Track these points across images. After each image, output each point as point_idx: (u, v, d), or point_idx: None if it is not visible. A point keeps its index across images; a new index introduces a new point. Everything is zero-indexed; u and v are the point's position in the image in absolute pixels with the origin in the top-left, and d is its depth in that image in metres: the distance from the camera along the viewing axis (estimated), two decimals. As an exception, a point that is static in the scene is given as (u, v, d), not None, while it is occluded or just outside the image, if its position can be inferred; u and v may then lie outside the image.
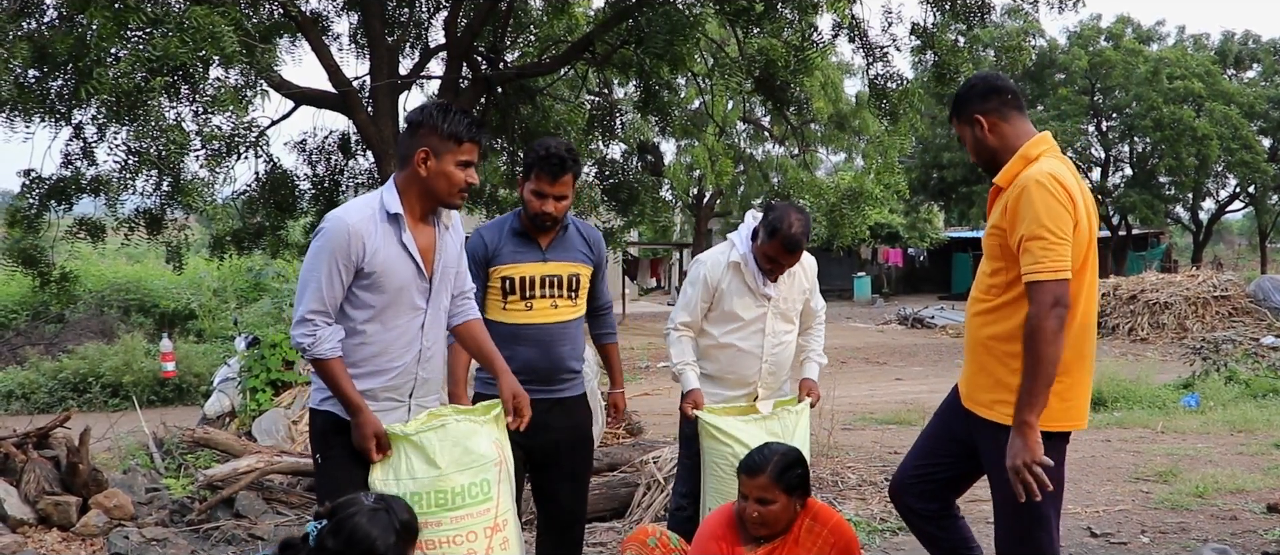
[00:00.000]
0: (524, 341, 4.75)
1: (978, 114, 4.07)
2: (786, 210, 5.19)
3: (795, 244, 5.12)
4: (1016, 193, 3.82)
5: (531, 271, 4.79)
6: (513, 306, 4.78)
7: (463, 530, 4.01)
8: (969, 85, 4.19)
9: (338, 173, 15.57)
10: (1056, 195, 3.77)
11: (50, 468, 7.25)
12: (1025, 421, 3.72)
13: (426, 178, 3.97)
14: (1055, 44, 39.58)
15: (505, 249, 4.79)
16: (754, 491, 4.36)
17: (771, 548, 4.43)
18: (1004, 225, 3.88)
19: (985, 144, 4.08)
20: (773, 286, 5.37)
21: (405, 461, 3.98)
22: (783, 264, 5.23)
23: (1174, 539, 6.67)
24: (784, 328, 5.46)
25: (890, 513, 7.47)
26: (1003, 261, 3.94)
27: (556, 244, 4.86)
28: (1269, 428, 10.78)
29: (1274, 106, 38.99)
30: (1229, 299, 24.04)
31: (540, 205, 4.71)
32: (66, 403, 17.12)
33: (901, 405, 13.73)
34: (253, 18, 11.95)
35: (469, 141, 3.98)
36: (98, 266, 26.02)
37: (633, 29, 12.38)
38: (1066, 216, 3.77)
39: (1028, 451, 3.71)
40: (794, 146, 21.32)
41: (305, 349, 3.88)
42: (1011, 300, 3.92)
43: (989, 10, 12.44)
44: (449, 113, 3.98)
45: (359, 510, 3.31)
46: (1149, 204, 38.39)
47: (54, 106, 11.01)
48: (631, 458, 8.22)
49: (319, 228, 3.94)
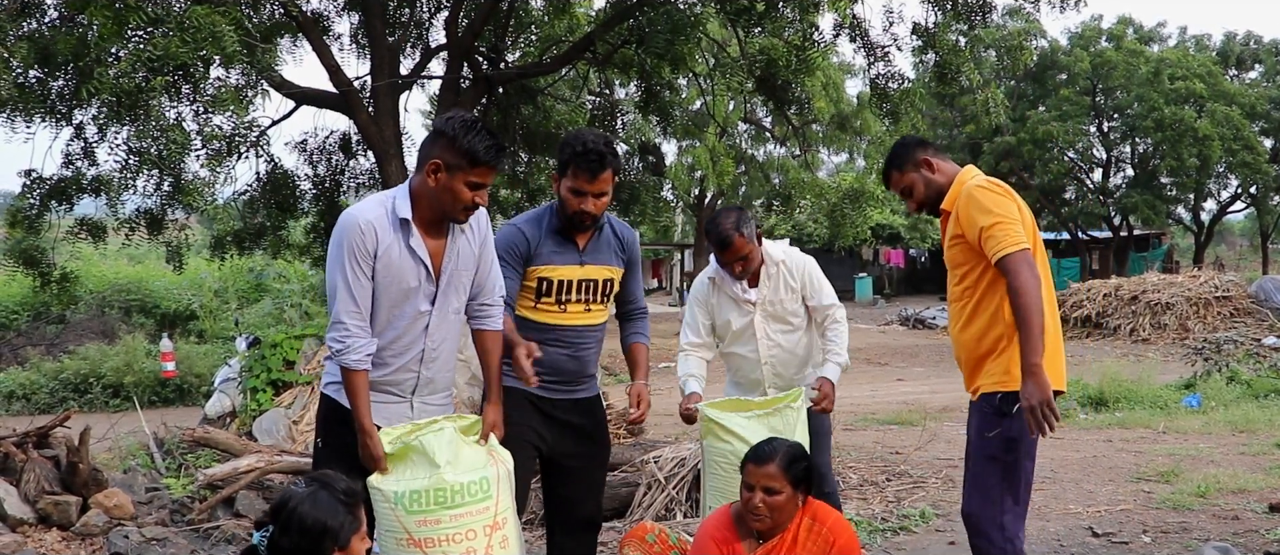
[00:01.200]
0: (555, 342, 4.63)
1: (923, 156, 4.55)
2: (718, 213, 5.35)
3: (723, 239, 5.20)
4: (964, 200, 4.31)
5: (569, 275, 4.64)
6: (546, 306, 4.65)
7: (462, 528, 3.99)
8: (900, 142, 4.70)
9: (339, 173, 15.58)
10: (995, 190, 4.30)
11: (50, 467, 7.25)
12: (1034, 363, 4.03)
13: (434, 189, 3.95)
14: (1057, 45, 39.54)
15: (545, 249, 4.61)
16: (761, 480, 4.38)
17: (770, 546, 4.43)
18: (960, 231, 4.35)
19: (933, 182, 4.52)
20: (753, 291, 5.42)
21: (406, 462, 3.98)
22: (732, 263, 5.29)
23: (1176, 539, 6.66)
24: (777, 328, 5.45)
25: (891, 512, 7.47)
26: (967, 264, 4.39)
27: (593, 246, 4.70)
28: (1271, 428, 10.76)
29: (1275, 107, 38.94)
30: (1230, 300, 24.00)
31: (579, 204, 4.51)
32: (67, 403, 17.14)
33: (903, 406, 13.72)
34: (253, 17, 11.95)
35: (484, 164, 3.94)
36: (99, 267, 26.05)
37: (634, 29, 12.38)
38: (1010, 203, 4.26)
39: (1040, 390, 4.00)
40: (795, 147, 21.30)
41: (336, 352, 3.91)
42: (981, 295, 4.36)
43: (990, 10, 12.44)
44: (472, 130, 3.93)
45: (299, 500, 3.31)
46: (1150, 205, 38.35)
47: (55, 106, 11.02)
48: (632, 458, 8.22)
49: (335, 231, 3.96)
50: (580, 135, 4.54)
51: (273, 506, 3.35)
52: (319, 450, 4.18)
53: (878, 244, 44.05)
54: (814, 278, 5.49)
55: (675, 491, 7.40)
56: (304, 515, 3.27)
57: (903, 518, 7.29)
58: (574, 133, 4.65)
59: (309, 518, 3.26)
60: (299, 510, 3.28)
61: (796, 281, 5.42)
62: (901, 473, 8.83)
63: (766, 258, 5.40)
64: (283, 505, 3.32)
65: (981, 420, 4.33)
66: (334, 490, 3.37)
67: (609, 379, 18.88)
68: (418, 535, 3.96)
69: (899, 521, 7.22)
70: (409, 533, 3.96)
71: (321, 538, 3.25)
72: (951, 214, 4.41)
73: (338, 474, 3.52)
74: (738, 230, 5.20)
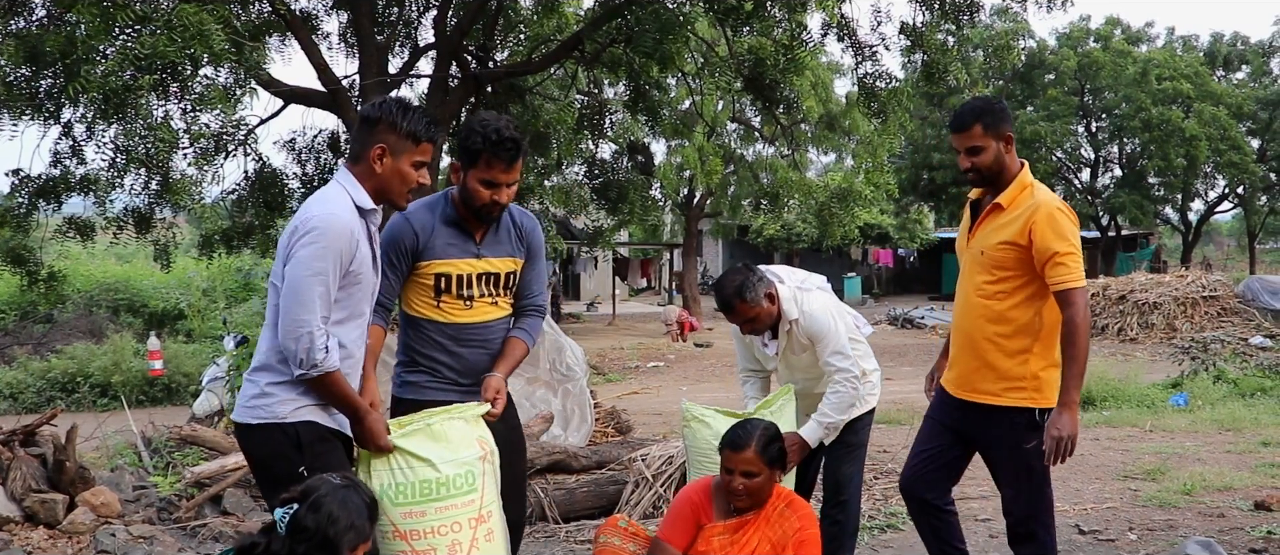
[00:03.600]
0: (467, 342, 4.42)
1: (1010, 133, 4.54)
2: (724, 274, 5.32)
3: (725, 305, 5.23)
4: (1041, 215, 4.36)
5: (467, 268, 4.38)
6: (449, 305, 4.39)
7: (448, 521, 4.00)
8: (999, 104, 4.61)
9: (327, 171, 15.53)
10: (1072, 218, 4.43)
11: (37, 465, 7.22)
12: (1072, 401, 4.28)
13: (381, 175, 3.89)
14: (1044, 45, 39.67)
15: (439, 241, 4.34)
16: (739, 465, 4.53)
17: (742, 520, 4.59)
18: (1021, 242, 4.40)
19: (1003, 161, 4.51)
20: (773, 343, 5.46)
21: (391, 458, 3.99)
22: (737, 323, 5.31)
23: (1161, 536, 6.69)
24: (802, 360, 5.40)
25: (878, 510, 7.49)
26: (1013, 271, 4.45)
27: (491, 237, 4.45)
28: (1257, 426, 10.81)
29: (1262, 107, 39.11)
30: (1218, 299, 24.10)
31: (492, 195, 4.26)
32: (55, 402, 17.06)
33: (892, 405, 13.71)
34: (242, 16, 11.92)
35: (426, 141, 3.93)
36: (87, 266, 25.98)
37: (622, 27, 12.39)
38: (1078, 234, 4.41)
39: (1072, 426, 4.25)
40: (784, 146, 21.33)
41: (318, 363, 3.70)
42: (1021, 303, 4.48)
43: (978, 10, 12.46)
44: (408, 111, 3.91)
45: (332, 489, 3.30)
46: (1138, 205, 38.49)
47: (42, 105, 10.98)
48: (619, 455, 8.22)
49: (310, 228, 3.72)
50: (490, 122, 4.27)
51: (303, 488, 3.33)
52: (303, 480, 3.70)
53: (866, 244, 44.07)
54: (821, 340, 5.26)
55: (662, 489, 7.40)
56: (333, 506, 3.25)
57: (890, 516, 7.32)
58: (480, 120, 4.34)
59: (338, 510, 3.25)
60: (329, 499, 3.27)
61: (806, 340, 5.31)
62: (889, 471, 8.85)
63: (783, 315, 5.28)
64: (314, 489, 3.31)
65: (1016, 432, 4.50)
66: (362, 494, 3.38)
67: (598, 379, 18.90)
68: (403, 527, 3.97)
69: (887, 519, 7.25)
70: (395, 525, 3.97)
71: (345, 533, 3.25)
72: (1014, 218, 4.44)
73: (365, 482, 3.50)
74: (740, 297, 5.14)
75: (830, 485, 5.41)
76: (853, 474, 5.46)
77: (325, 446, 3.86)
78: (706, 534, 4.60)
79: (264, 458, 3.90)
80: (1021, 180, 4.50)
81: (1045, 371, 4.46)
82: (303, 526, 3.22)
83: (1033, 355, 4.46)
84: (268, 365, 3.84)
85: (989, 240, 4.51)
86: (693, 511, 4.65)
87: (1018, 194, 4.48)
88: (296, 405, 3.82)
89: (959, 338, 4.71)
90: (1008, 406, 4.50)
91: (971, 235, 4.66)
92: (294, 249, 3.73)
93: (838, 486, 5.39)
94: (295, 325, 3.69)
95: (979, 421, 4.63)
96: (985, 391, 4.55)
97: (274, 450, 3.84)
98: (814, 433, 5.22)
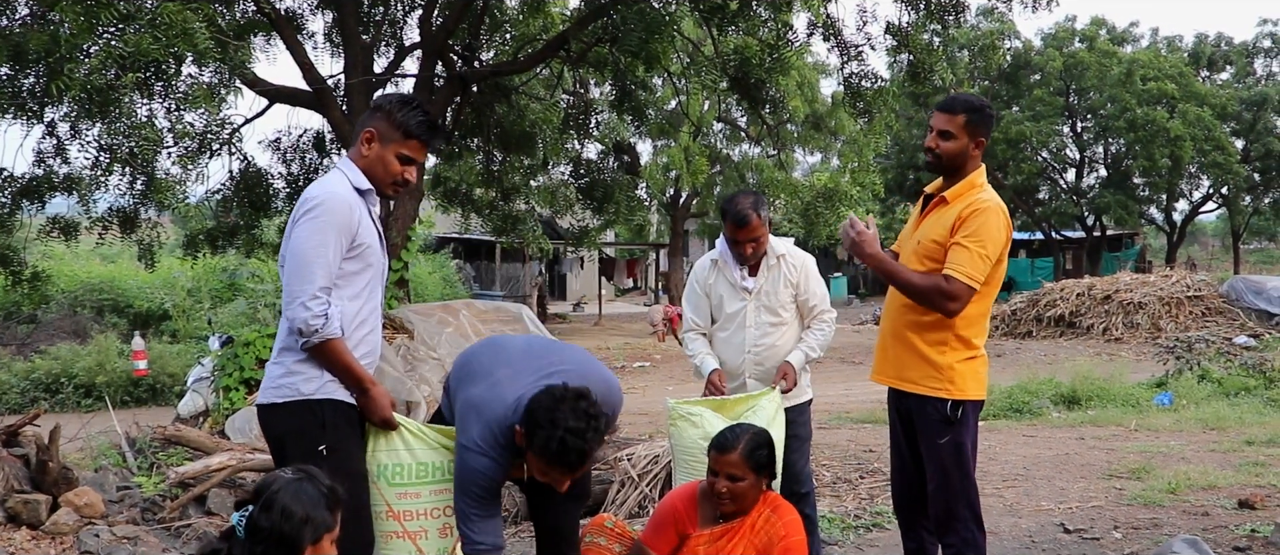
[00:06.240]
0: None
1: (983, 138, 4.62)
2: (735, 193, 5.54)
3: (742, 218, 5.33)
4: (976, 210, 4.46)
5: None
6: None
7: (440, 504, 4.09)
8: (990, 111, 4.71)
9: (312, 171, 15.53)
10: (1005, 226, 4.52)
11: (20, 466, 7.18)
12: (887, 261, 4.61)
13: (367, 158, 4.01)
14: (1030, 45, 39.77)
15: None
16: (725, 468, 4.51)
17: (727, 527, 4.58)
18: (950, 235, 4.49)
19: (966, 158, 4.61)
20: (752, 279, 5.52)
21: (393, 437, 4.06)
22: (744, 244, 5.40)
23: (1146, 535, 6.69)
24: (769, 319, 5.52)
25: (864, 510, 7.49)
26: (940, 263, 4.50)
27: None
28: (1241, 425, 10.84)
29: (1246, 108, 39.26)
30: (1202, 299, 24.13)
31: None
32: (38, 403, 16.97)
33: (876, 404, 13.72)
34: (226, 15, 11.89)
35: (416, 139, 4.01)
36: (71, 266, 25.83)
37: (608, 27, 12.39)
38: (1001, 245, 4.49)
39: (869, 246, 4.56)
40: (770, 146, 21.35)
41: (317, 330, 3.78)
42: None
43: (963, 10, 12.49)
44: (408, 106, 4.01)
45: (283, 484, 3.28)
46: (1123, 205, 38.58)
47: (26, 104, 10.93)
48: (604, 455, 8.20)
49: (312, 205, 3.85)
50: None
51: (256, 488, 3.32)
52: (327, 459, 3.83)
53: (852, 244, 44.06)
54: (811, 276, 5.61)
55: (648, 489, 7.38)
56: (287, 502, 3.23)
57: (876, 515, 7.31)
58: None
59: (292, 505, 3.23)
60: (282, 495, 3.26)
61: (795, 276, 5.52)
62: (874, 470, 8.85)
63: (770, 249, 5.51)
64: (266, 488, 3.30)
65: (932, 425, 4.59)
66: (319, 485, 3.35)
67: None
68: (397, 508, 4.05)
69: (872, 518, 7.24)
70: (389, 505, 4.02)
71: (302, 527, 3.23)
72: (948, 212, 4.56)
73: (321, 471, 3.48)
74: (755, 211, 5.36)
75: (788, 480, 5.43)
76: (805, 465, 5.69)
77: (349, 428, 3.96)
78: (691, 545, 4.60)
79: (283, 435, 3.97)
80: (972, 180, 4.59)
81: (962, 363, 4.56)
82: (258, 528, 3.21)
83: (949, 347, 4.56)
84: (289, 346, 3.94)
85: (928, 232, 4.63)
86: (676, 520, 4.64)
87: (965, 191, 4.57)
88: (321, 383, 3.91)
89: (886, 325, 4.83)
90: (926, 395, 4.58)
91: (917, 227, 4.78)
92: (295, 225, 3.88)
93: (796, 480, 5.49)
94: (295, 293, 3.80)
95: (909, 410, 4.73)
96: (911, 379, 4.64)
97: (297, 426, 3.92)
98: (799, 358, 5.52)
